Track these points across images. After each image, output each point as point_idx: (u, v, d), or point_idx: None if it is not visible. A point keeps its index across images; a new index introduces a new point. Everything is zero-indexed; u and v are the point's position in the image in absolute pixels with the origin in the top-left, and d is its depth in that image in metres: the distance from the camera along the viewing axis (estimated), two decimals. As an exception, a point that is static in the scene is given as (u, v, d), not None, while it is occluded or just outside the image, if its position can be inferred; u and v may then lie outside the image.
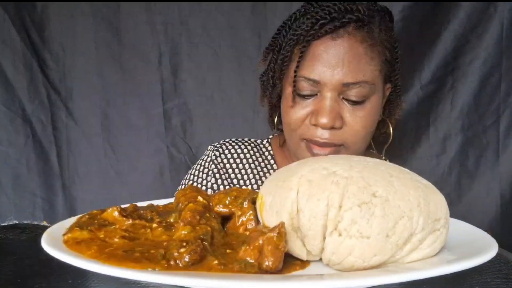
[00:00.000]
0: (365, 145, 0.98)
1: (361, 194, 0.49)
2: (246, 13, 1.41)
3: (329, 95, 0.90)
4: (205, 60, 1.45)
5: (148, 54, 1.43)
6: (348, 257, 0.49)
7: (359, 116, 0.92)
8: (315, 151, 0.94)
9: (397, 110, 1.06)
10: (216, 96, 1.45)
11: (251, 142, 1.12)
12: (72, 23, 1.42)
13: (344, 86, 0.89)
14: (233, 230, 0.58)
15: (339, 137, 0.92)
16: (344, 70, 0.88)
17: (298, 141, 0.96)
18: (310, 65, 0.90)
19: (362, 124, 0.92)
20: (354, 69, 0.89)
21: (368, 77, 0.90)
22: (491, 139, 1.42)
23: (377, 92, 0.94)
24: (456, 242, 0.55)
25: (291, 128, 0.96)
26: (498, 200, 1.42)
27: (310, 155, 0.95)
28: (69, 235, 0.52)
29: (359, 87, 0.89)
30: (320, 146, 0.93)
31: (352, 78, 0.88)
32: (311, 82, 0.90)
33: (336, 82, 0.88)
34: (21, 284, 0.47)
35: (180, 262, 0.46)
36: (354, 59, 0.89)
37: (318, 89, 0.91)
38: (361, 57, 0.90)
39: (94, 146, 1.42)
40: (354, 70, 0.89)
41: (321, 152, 0.93)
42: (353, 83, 0.89)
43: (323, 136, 0.91)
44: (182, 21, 1.42)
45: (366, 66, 0.90)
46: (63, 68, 1.43)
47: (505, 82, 1.39)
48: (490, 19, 1.37)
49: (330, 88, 0.89)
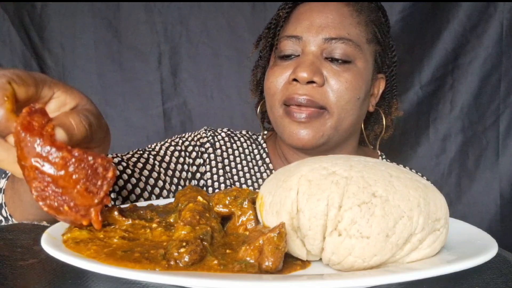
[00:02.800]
0: (351, 117, 0.92)
1: (361, 194, 0.49)
2: (246, 13, 1.41)
3: (310, 49, 0.87)
4: (205, 60, 1.45)
5: (148, 54, 1.43)
6: (348, 257, 0.49)
7: (343, 77, 0.88)
8: (295, 114, 0.89)
9: (393, 108, 1.05)
10: (216, 96, 1.46)
11: (249, 135, 1.11)
12: (72, 23, 1.42)
13: (326, 42, 0.87)
14: (233, 230, 0.58)
15: (320, 95, 0.87)
16: (328, 27, 0.87)
17: (278, 107, 0.92)
18: (293, 25, 0.91)
19: (346, 86, 0.88)
20: (338, 26, 0.88)
21: (352, 36, 0.88)
22: (491, 139, 1.42)
23: (364, 60, 0.91)
24: (456, 242, 0.55)
25: (271, 92, 0.93)
26: (498, 200, 1.42)
27: (289, 121, 0.90)
28: (68, 235, 0.52)
29: (342, 43, 0.87)
30: (299, 107, 0.88)
31: (335, 33, 0.87)
32: (293, 39, 0.89)
33: (318, 37, 0.87)
34: (21, 284, 0.47)
35: (180, 262, 0.46)
36: (338, 17, 0.88)
37: (301, 48, 0.89)
38: (346, 17, 0.89)
39: (94, 146, 1.42)
40: (338, 27, 0.88)
41: (301, 116, 0.88)
42: (336, 38, 0.87)
43: (301, 91, 0.87)
44: (182, 21, 1.42)
45: (351, 27, 0.89)
46: (62, 67, 1.43)
47: (505, 82, 1.39)
48: (490, 19, 1.37)
49: (313, 44, 0.87)
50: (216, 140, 1.05)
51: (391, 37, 1.00)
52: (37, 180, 0.49)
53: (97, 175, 0.50)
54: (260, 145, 1.09)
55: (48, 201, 0.49)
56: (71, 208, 0.49)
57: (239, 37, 1.42)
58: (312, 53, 0.87)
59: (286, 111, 0.91)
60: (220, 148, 1.04)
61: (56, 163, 0.49)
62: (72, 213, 0.50)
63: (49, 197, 0.49)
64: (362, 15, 0.92)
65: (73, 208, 0.49)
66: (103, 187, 0.50)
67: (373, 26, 0.94)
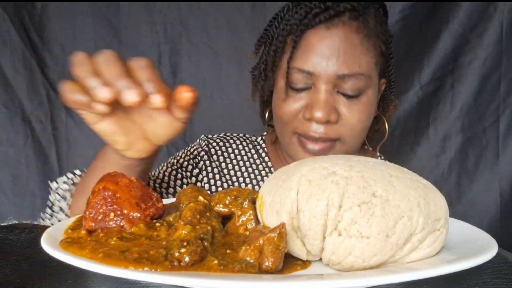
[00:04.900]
0: (360, 140, 0.95)
1: (361, 194, 0.49)
2: (246, 13, 1.41)
3: (323, 87, 0.86)
4: (205, 60, 1.45)
5: (148, 54, 1.43)
6: (348, 257, 0.49)
7: (355, 109, 0.88)
8: (309, 147, 0.90)
9: (391, 106, 1.04)
10: (216, 95, 1.46)
11: (246, 137, 1.11)
12: (72, 23, 1.42)
13: (339, 78, 0.86)
14: (233, 230, 0.58)
15: (334, 131, 0.89)
16: (339, 61, 0.85)
17: (290, 135, 0.93)
18: (303, 56, 0.87)
19: (358, 118, 0.89)
20: (349, 60, 0.86)
21: (363, 69, 0.87)
22: (491, 139, 1.42)
23: (373, 86, 0.91)
24: (456, 242, 0.55)
25: (283, 121, 0.92)
26: (498, 200, 1.42)
27: (301, 150, 0.92)
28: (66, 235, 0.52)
29: (354, 79, 0.86)
30: (314, 141, 0.90)
31: (347, 69, 0.86)
32: (305, 74, 0.87)
33: (331, 73, 0.85)
34: (21, 284, 0.47)
35: (181, 261, 0.46)
36: (349, 49, 0.86)
37: (312, 82, 0.88)
38: (356, 47, 0.87)
39: (94, 146, 1.42)
40: (349, 61, 0.86)
41: (315, 148, 0.90)
42: (348, 75, 0.86)
43: (318, 131, 0.88)
44: (182, 21, 1.43)
45: (362, 57, 0.87)
46: (62, 68, 1.43)
47: (505, 82, 1.39)
48: (490, 19, 1.37)
49: (325, 80, 0.86)
50: (211, 147, 1.06)
51: (391, 40, 0.98)
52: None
53: (149, 200, 0.57)
54: (259, 145, 1.09)
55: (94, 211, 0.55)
56: (117, 215, 0.54)
57: (239, 37, 1.42)
58: (325, 90, 0.87)
59: (299, 141, 0.92)
60: (215, 154, 1.05)
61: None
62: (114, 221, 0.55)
63: (96, 206, 0.55)
64: (371, 38, 0.89)
65: (118, 216, 0.54)
66: (150, 208, 0.57)
67: (379, 44, 0.92)
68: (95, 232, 0.53)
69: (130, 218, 0.54)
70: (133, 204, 0.55)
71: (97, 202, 0.54)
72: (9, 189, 1.42)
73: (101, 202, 0.54)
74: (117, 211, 0.54)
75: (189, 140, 1.43)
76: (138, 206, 0.55)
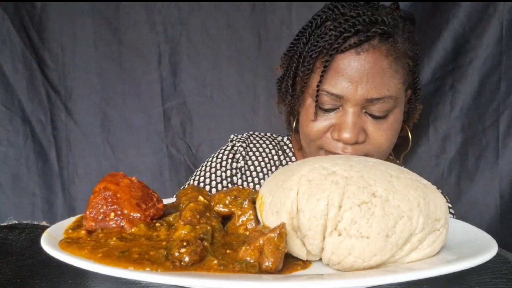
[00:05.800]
0: (387, 155, 0.97)
1: (361, 194, 0.49)
2: (246, 13, 1.41)
3: (352, 110, 0.87)
4: (205, 60, 1.45)
5: (148, 54, 1.43)
6: (348, 256, 0.49)
7: (383, 129, 0.90)
8: None
9: (416, 113, 1.05)
10: (216, 96, 1.45)
11: (274, 138, 1.12)
12: (72, 22, 1.41)
13: (367, 102, 0.87)
14: (233, 230, 0.58)
15: (362, 150, 0.90)
16: (368, 85, 0.86)
17: (317, 149, 0.94)
18: (333, 80, 0.87)
19: (386, 137, 0.91)
20: (378, 84, 0.86)
21: (392, 92, 0.88)
22: (490, 139, 1.42)
23: (400, 105, 0.92)
24: (456, 242, 0.55)
25: (310, 138, 0.94)
26: (498, 200, 1.42)
27: None
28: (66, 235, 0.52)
29: (382, 102, 0.87)
30: None
31: (376, 93, 0.86)
32: (334, 96, 0.88)
33: (359, 97, 0.86)
34: (21, 284, 0.47)
35: (181, 261, 0.46)
36: (378, 74, 0.86)
37: (341, 104, 0.89)
38: (385, 71, 0.87)
39: (94, 145, 1.42)
40: (378, 86, 0.86)
41: None
42: (377, 99, 0.86)
43: (346, 151, 0.89)
44: (182, 21, 1.42)
45: (390, 80, 0.87)
46: (62, 67, 1.43)
47: (505, 82, 1.39)
48: (490, 19, 1.37)
49: (353, 103, 0.87)
50: (245, 145, 1.07)
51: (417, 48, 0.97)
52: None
53: (150, 200, 0.58)
54: (286, 145, 1.10)
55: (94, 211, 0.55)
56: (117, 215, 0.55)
57: (239, 37, 1.42)
58: (353, 112, 0.88)
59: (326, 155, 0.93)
60: (250, 156, 1.06)
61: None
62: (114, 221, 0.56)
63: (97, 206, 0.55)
64: (400, 60, 0.89)
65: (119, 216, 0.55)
66: (151, 209, 0.57)
67: (408, 62, 0.91)
68: (95, 232, 0.53)
69: (130, 218, 0.54)
70: (133, 205, 0.55)
71: (97, 202, 0.55)
72: (9, 189, 1.41)
73: (102, 202, 0.55)
74: (117, 211, 0.54)
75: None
76: (138, 207, 0.56)
